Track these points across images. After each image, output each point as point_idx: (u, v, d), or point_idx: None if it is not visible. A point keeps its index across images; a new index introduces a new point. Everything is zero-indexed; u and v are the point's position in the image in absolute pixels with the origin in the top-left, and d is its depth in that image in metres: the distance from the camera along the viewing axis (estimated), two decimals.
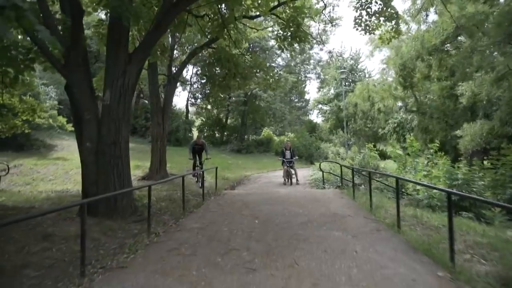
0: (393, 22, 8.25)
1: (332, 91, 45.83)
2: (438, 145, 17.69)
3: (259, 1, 8.28)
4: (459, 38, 15.61)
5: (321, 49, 31.29)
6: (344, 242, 4.56)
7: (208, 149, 11.86)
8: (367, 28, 8.57)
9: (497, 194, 13.72)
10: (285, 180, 13.48)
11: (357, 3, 8.08)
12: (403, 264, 3.67)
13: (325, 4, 14.00)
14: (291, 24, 8.97)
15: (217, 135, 37.50)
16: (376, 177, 12.70)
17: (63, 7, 6.64)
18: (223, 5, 9.01)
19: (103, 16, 11.71)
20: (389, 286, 3.10)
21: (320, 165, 14.61)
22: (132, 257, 4.07)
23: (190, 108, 39.39)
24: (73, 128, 14.94)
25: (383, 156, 28.65)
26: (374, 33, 8.97)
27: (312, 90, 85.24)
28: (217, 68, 11.24)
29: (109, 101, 6.30)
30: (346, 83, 44.42)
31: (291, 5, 8.95)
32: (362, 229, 5.26)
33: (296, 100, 48.82)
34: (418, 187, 13.85)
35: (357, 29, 8.67)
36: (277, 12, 9.47)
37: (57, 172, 14.40)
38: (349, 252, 4.10)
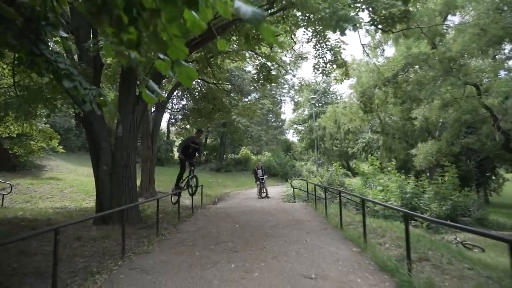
0: (343, 68, 10.51)
1: (306, 112, 48.58)
2: (394, 163, 20.22)
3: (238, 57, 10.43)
4: (407, 73, 18.31)
5: (294, 76, 33.66)
6: (300, 236, 6.49)
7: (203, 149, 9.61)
8: (324, 71, 10.79)
9: (441, 205, 16.24)
10: (259, 193, 15.51)
11: (316, 53, 10.28)
12: (334, 246, 5.63)
13: (294, 42, 16.33)
14: (263, 70, 11.13)
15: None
16: (336, 192, 14.86)
17: (81, 58, 8.42)
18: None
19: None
20: (320, 256, 5.03)
21: (291, 182, 16.64)
22: (151, 248, 5.83)
23: (171, 128, 40.89)
24: (63, 150, 16.34)
25: (356, 173, 31.11)
26: (329, 76, 11.26)
27: (288, 110, 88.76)
28: (203, 104, 13.14)
29: (121, 133, 8.08)
30: (320, 104, 47.40)
31: (263, 55, 11.09)
32: (314, 229, 7.21)
33: (272, 120, 51.35)
34: (376, 200, 16.16)
35: (315, 73, 10.88)
36: (252, 58, 11.59)
37: (53, 191, 15.69)
38: (301, 241, 6.02)
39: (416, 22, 16.22)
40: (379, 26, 7.58)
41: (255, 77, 11.76)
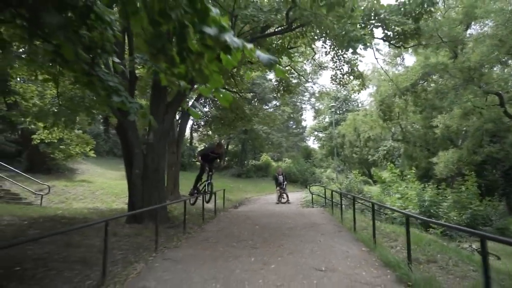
0: (360, 79, 10.99)
1: (327, 119, 48.79)
2: (414, 171, 20.29)
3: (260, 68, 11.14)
4: (426, 83, 18.48)
5: (314, 84, 34.14)
6: (315, 236, 7.01)
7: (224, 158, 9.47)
8: (341, 82, 11.29)
9: (461, 213, 16.25)
10: (278, 199, 16.03)
11: (333, 65, 10.83)
12: (345, 245, 6.12)
13: (314, 52, 16.89)
14: (282, 81, 11.77)
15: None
16: (351, 198, 15.21)
17: (117, 72, 9.29)
18: None
19: None
20: (332, 253, 5.55)
21: (309, 188, 17.08)
22: (179, 243, 6.51)
23: (194, 134, 42.07)
24: (94, 155, 17.42)
25: (375, 180, 31.12)
26: (346, 87, 11.75)
27: (309, 117, 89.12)
28: (225, 112, 13.89)
29: (152, 140, 8.87)
30: (341, 112, 47.53)
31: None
32: (329, 231, 7.70)
33: (293, 126, 51.82)
34: (395, 207, 16.37)
35: (333, 83, 11.40)
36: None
37: (85, 192, 16.79)
38: (315, 241, 6.54)
39: (435, 31, 16.51)
40: (392, 42, 8.07)
41: (275, 88, 12.43)
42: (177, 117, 17.94)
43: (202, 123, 42.15)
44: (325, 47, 10.05)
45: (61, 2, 2.71)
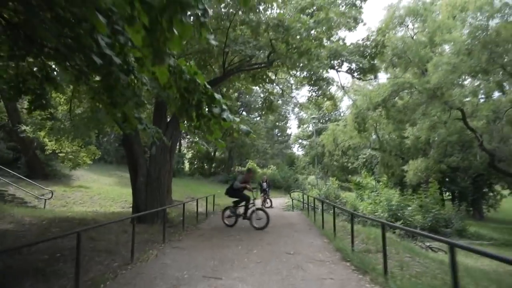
0: (332, 100, 12.85)
1: (310, 127, 50.90)
2: (386, 178, 22.34)
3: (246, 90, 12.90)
4: (395, 99, 20.59)
5: (298, 94, 36.18)
6: (289, 232, 8.72)
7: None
8: (316, 102, 13.12)
9: (425, 217, 18.24)
10: (262, 204, 17.69)
11: (309, 88, 12.65)
12: (312, 238, 7.85)
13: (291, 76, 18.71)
14: (266, 101, 13.53)
15: (205, 166, 41.55)
16: (322, 201, 17.03)
17: None
18: None
19: None
20: (300, 243, 7.26)
21: (290, 194, 18.84)
22: (181, 238, 8.12)
23: (182, 141, 43.52)
24: (90, 162, 18.69)
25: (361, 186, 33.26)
26: (322, 107, 13.60)
27: (294, 125, 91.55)
28: None
29: (154, 153, 10.46)
30: (324, 121, 49.76)
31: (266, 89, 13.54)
32: (302, 229, 9.43)
33: (278, 134, 53.73)
34: (365, 211, 18.29)
35: (309, 103, 13.21)
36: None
37: (83, 197, 18.11)
38: (289, 236, 8.25)
39: (404, 53, 18.63)
40: (354, 74, 9.95)
41: (260, 107, 14.17)
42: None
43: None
44: (300, 75, 11.89)
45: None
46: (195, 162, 41.24)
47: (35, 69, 5.91)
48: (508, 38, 14.53)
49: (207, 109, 3.92)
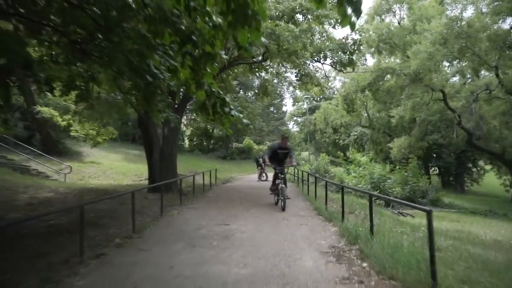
0: (319, 87, 14.67)
1: (305, 105, 52.64)
2: (371, 154, 24.45)
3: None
4: (380, 82, 22.34)
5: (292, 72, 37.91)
6: None
7: (294, 154, 9.31)
8: (305, 88, 14.91)
9: (403, 188, 20.44)
10: (259, 177, 19.79)
11: (296, 76, 14.40)
12: (298, 202, 9.92)
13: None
14: (262, 87, 15.30)
15: (204, 143, 43.50)
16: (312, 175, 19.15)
17: None
18: None
19: None
20: (289, 205, 9.29)
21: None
22: (193, 202, 10.16)
23: (182, 119, 45.18)
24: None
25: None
26: (310, 91, 15.38)
27: (289, 103, 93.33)
28: None
29: (167, 133, 12.33)
30: (318, 98, 51.41)
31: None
32: (291, 196, 11.48)
33: (274, 111, 55.47)
34: (350, 183, 20.38)
35: (297, 89, 14.98)
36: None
37: (97, 172, 20.09)
38: None
39: (389, 39, 20.26)
40: (336, 67, 11.75)
41: (256, 93, 15.97)
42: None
43: (189, 107, 45.51)
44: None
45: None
46: (194, 139, 43.11)
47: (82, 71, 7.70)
48: (480, 29, 16.22)
49: (220, 108, 5.77)
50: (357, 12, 2.74)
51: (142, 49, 4.97)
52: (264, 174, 19.99)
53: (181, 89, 13.83)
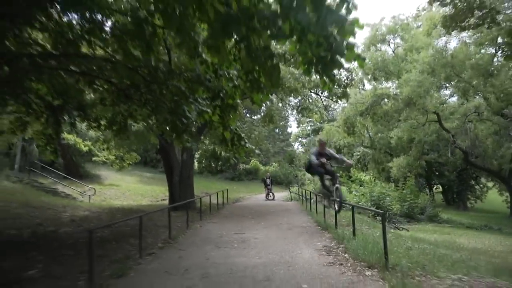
0: (318, 115, 16.44)
1: (309, 127, 54.43)
2: (372, 174, 25.86)
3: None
4: (376, 106, 24.12)
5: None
6: (286, 214, 12.35)
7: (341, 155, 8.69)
8: (307, 116, 16.68)
9: (402, 205, 21.77)
10: (266, 197, 21.34)
11: (298, 109, 16.19)
12: (301, 217, 11.47)
13: None
14: (267, 116, 17.18)
15: (213, 165, 45.18)
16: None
17: None
18: None
19: None
20: (293, 219, 10.86)
21: (289, 188, 22.48)
22: (211, 218, 11.74)
23: None
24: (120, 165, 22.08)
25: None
26: (311, 118, 17.15)
27: (294, 125, 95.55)
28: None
29: (186, 158, 14.06)
30: (322, 121, 53.24)
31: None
32: (296, 212, 13.05)
33: (279, 133, 57.34)
34: (351, 201, 21.61)
35: (301, 115, 16.78)
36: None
37: (117, 193, 21.77)
38: (286, 215, 11.88)
39: (384, 67, 22.13)
40: (331, 99, 13.56)
41: (262, 120, 17.80)
42: None
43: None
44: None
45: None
46: (203, 161, 44.83)
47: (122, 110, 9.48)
48: (464, 59, 18.02)
49: (237, 142, 7.48)
50: (332, 81, 4.45)
51: (181, 100, 6.76)
52: (271, 194, 21.55)
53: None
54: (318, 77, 4.11)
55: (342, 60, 3.65)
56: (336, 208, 8.16)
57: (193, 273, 4.92)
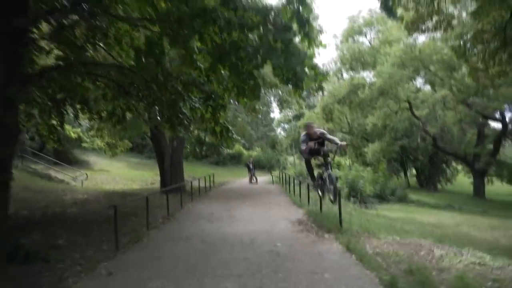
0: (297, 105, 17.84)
1: (290, 113, 56.01)
2: (349, 158, 27.60)
3: None
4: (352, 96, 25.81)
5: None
6: (268, 195, 13.89)
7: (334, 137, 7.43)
8: (288, 107, 18.09)
9: (374, 187, 23.69)
10: (250, 181, 22.85)
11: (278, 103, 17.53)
12: (281, 198, 13.03)
13: None
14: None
15: (197, 150, 46.31)
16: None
17: None
18: None
19: None
20: (274, 199, 12.40)
21: (271, 172, 24.05)
22: (200, 199, 13.14)
23: None
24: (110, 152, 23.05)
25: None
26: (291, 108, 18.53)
27: (276, 110, 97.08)
28: None
29: (176, 145, 15.28)
30: (302, 108, 54.89)
31: None
32: (276, 193, 14.59)
33: (262, 118, 58.72)
34: None
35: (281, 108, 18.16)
36: None
37: (107, 179, 22.81)
38: (268, 196, 13.42)
39: (361, 58, 23.64)
40: (309, 92, 14.95)
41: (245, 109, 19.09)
42: None
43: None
44: None
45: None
46: (188, 146, 45.85)
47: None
48: (430, 54, 19.70)
49: (225, 133, 8.80)
50: (301, 90, 5.82)
51: (177, 99, 8.01)
52: (254, 178, 23.04)
53: None
54: None
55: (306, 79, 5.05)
56: (332, 198, 6.70)
57: (193, 240, 6.32)
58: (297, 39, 5.00)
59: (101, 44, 7.59)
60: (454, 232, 9.91)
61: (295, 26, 4.93)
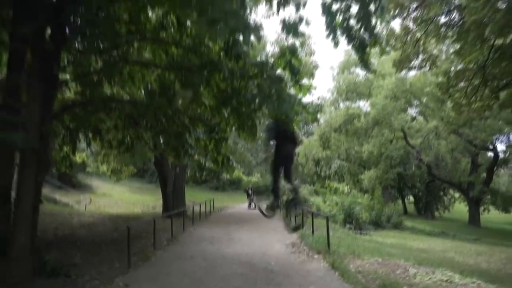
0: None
1: None
2: (346, 185, 28.35)
3: None
4: (348, 126, 26.89)
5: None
6: (266, 221, 14.46)
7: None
8: None
9: (370, 214, 24.26)
10: (249, 206, 23.45)
11: None
12: (277, 223, 13.65)
13: None
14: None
15: (197, 175, 46.97)
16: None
17: None
18: None
19: None
20: (270, 225, 13.04)
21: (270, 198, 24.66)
22: (201, 223, 13.80)
23: None
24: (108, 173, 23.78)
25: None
26: None
27: None
28: None
29: (178, 171, 16.08)
30: (301, 134, 56.00)
31: None
32: (273, 219, 15.19)
33: (262, 144, 59.68)
34: (325, 210, 23.98)
35: None
36: None
37: (110, 202, 23.45)
38: (265, 221, 13.99)
39: (355, 89, 24.84)
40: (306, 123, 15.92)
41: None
42: None
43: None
44: None
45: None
46: (188, 172, 46.52)
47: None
48: (421, 87, 20.89)
49: (226, 162, 9.63)
50: (295, 125, 6.70)
51: (183, 131, 8.92)
52: (253, 203, 23.66)
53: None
54: None
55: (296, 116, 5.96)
56: (295, 225, 6.28)
57: (197, 259, 7.04)
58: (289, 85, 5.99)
59: (116, 79, 8.57)
60: (439, 257, 10.54)
61: (287, 74, 5.94)
